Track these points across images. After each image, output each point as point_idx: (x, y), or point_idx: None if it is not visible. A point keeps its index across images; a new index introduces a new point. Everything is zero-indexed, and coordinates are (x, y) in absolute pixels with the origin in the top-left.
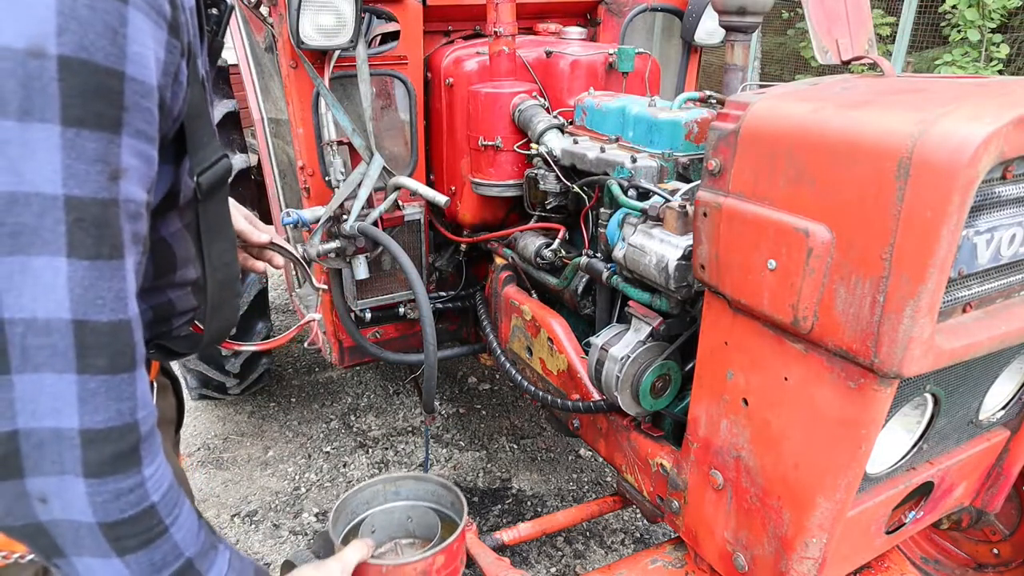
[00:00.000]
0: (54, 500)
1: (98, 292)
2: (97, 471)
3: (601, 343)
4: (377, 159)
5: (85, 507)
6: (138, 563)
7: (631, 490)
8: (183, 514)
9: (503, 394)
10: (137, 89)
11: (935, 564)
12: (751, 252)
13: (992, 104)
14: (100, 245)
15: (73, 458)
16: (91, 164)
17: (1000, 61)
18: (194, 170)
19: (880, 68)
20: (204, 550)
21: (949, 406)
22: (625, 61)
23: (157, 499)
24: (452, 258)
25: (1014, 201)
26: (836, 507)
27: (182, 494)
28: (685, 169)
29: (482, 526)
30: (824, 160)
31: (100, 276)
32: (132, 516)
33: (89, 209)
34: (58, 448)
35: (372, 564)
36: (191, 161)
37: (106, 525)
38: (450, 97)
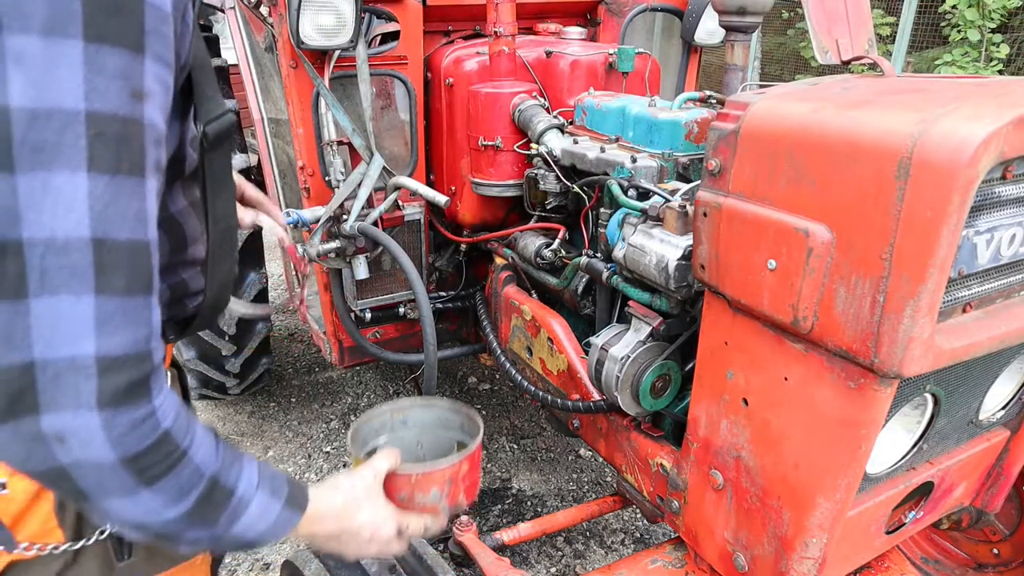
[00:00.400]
0: (71, 439)
1: (118, 209)
2: (111, 401)
3: (601, 343)
4: (377, 159)
5: (103, 443)
6: (165, 490)
7: (631, 490)
8: (197, 436)
9: (503, 394)
10: (155, 14)
11: (935, 564)
12: (751, 252)
13: (992, 104)
14: (120, 160)
15: (88, 389)
16: (112, 80)
17: (1000, 61)
18: (200, 120)
19: (880, 68)
20: (226, 464)
21: (949, 406)
22: (625, 61)
23: (169, 425)
24: (452, 258)
25: (1014, 201)
26: (836, 507)
27: (192, 418)
28: (685, 169)
29: (482, 526)
30: (824, 160)
31: (120, 192)
32: (150, 445)
33: (110, 124)
34: (74, 380)
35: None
36: (198, 111)
37: (127, 459)
38: (450, 97)
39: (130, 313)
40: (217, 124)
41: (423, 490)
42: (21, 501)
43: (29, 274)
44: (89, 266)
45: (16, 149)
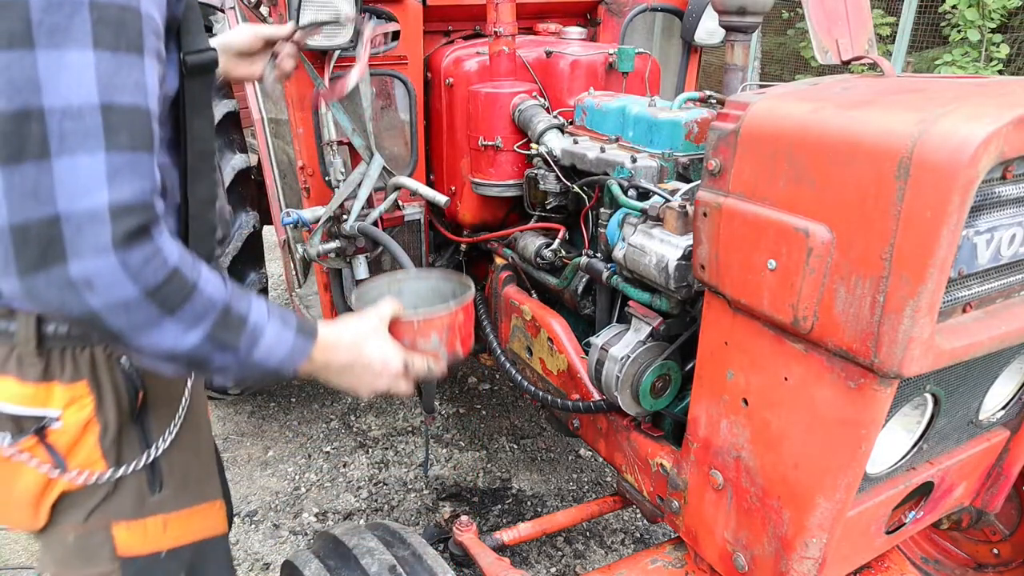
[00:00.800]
0: (97, 282)
1: (120, 79)
2: (123, 243)
3: (601, 343)
4: (377, 159)
5: (125, 281)
6: (185, 318)
7: (631, 490)
8: (204, 272)
9: (503, 394)
10: None
11: (935, 564)
12: (751, 252)
13: (992, 104)
14: (119, 39)
15: (105, 234)
16: None
17: (1000, 61)
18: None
19: (880, 68)
20: (236, 296)
21: (949, 406)
22: (625, 61)
23: (177, 262)
24: (452, 258)
25: (1014, 201)
26: (836, 507)
27: (198, 261)
28: (685, 169)
29: (482, 526)
30: (824, 160)
31: (120, 66)
32: (164, 278)
33: (110, 10)
34: (93, 227)
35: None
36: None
37: (148, 292)
38: (450, 97)
39: (135, 167)
40: (198, 56)
41: (424, 336)
42: (72, 433)
43: (50, 137)
44: (99, 127)
45: (35, 31)
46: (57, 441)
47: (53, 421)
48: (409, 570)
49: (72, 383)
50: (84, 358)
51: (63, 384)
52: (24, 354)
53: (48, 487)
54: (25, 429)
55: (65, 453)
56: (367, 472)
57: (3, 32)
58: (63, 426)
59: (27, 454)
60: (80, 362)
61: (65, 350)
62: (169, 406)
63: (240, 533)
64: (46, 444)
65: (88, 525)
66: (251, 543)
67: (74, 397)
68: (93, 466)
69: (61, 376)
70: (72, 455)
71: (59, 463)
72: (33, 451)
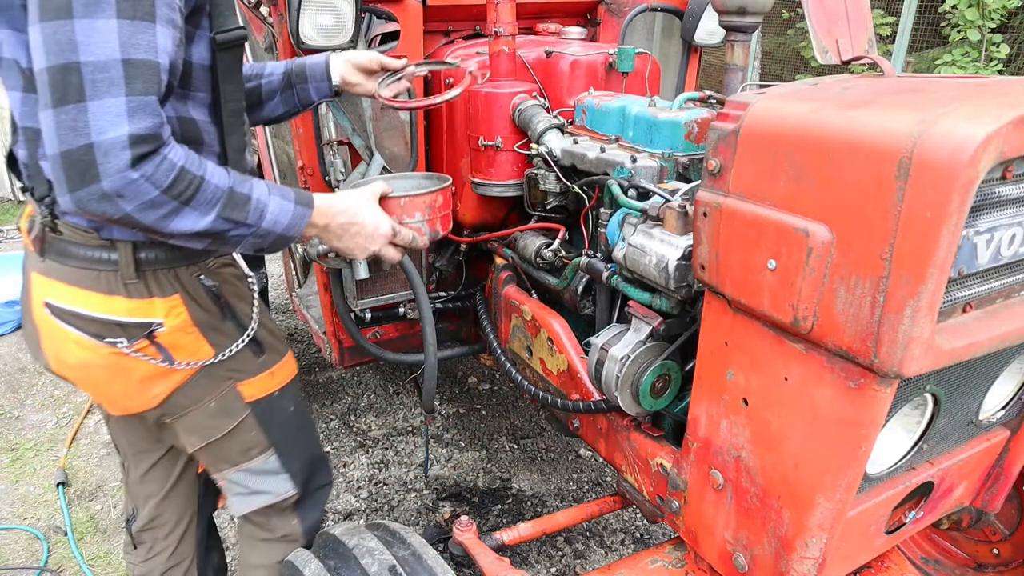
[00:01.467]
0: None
1: (136, 40)
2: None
3: (601, 343)
4: (377, 159)
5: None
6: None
7: (631, 490)
8: (209, 168)
9: (503, 394)
10: None
11: (935, 564)
12: (751, 252)
13: (992, 104)
14: (136, 10)
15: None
16: None
17: (1000, 61)
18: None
19: (880, 68)
20: (238, 181)
21: (949, 406)
22: (625, 61)
23: (183, 162)
24: (452, 258)
25: (1014, 201)
26: (836, 507)
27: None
28: (685, 169)
29: (482, 526)
30: (824, 160)
31: (136, 31)
32: (175, 177)
33: None
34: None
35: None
36: (214, 24)
37: (164, 190)
38: None
39: (147, 106)
40: (226, 34)
41: (409, 213)
42: (175, 334)
43: (86, 85)
44: (121, 77)
45: (74, 5)
46: (164, 341)
47: (158, 327)
48: (409, 570)
49: (168, 297)
50: (172, 277)
51: (161, 298)
52: (127, 277)
53: (158, 376)
54: (136, 335)
55: (171, 349)
56: (367, 472)
57: (53, 7)
58: (167, 329)
59: (141, 353)
60: (171, 280)
61: (157, 271)
62: (245, 302)
63: None
64: (156, 344)
65: (222, 389)
66: None
67: (171, 307)
68: (199, 355)
69: (159, 292)
70: (177, 350)
71: (167, 357)
72: (146, 350)
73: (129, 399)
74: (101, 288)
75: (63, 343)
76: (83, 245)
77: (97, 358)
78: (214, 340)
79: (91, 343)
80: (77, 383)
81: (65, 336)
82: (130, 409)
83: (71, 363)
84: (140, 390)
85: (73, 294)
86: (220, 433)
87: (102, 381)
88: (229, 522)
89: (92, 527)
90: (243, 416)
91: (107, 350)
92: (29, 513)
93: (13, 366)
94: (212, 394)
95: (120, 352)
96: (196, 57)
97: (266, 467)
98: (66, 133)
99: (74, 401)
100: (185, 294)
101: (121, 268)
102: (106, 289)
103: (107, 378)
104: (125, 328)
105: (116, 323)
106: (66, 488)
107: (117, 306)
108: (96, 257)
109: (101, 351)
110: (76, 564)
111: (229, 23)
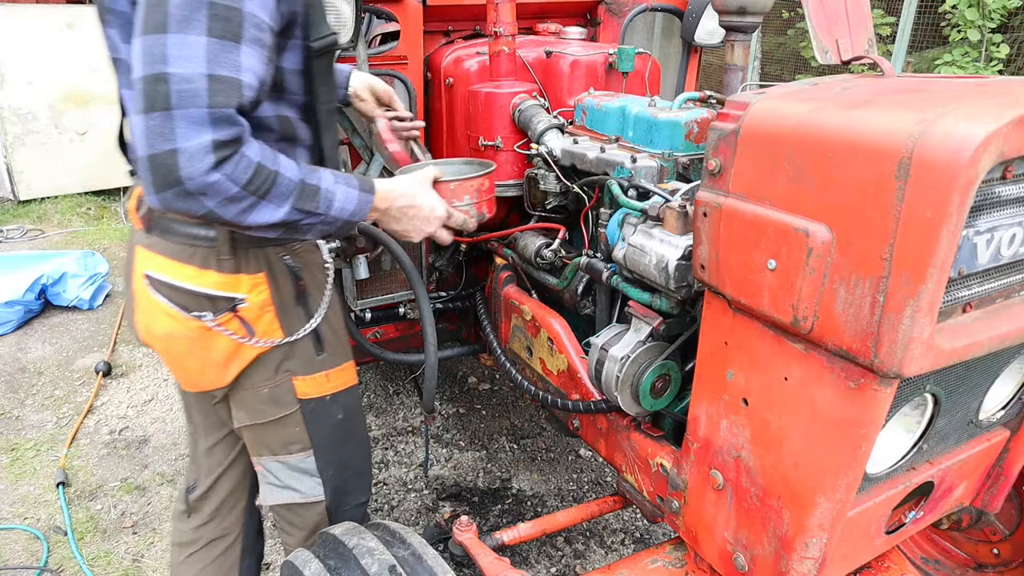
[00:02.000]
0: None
1: (222, 59)
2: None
3: (601, 343)
4: (377, 159)
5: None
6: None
7: (631, 490)
8: (282, 162)
9: (503, 394)
10: None
11: (935, 564)
12: (751, 252)
13: (992, 104)
14: (225, 31)
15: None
16: None
17: (1000, 61)
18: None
19: (880, 68)
20: (307, 174)
21: (949, 406)
22: (625, 61)
23: (259, 158)
24: (452, 258)
25: (1014, 201)
26: (836, 507)
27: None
28: (685, 169)
29: (482, 526)
30: (824, 160)
31: (223, 50)
32: (253, 173)
33: (220, 9)
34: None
35: (442, 181)
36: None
37: (243, 184)
38: (450, 97)
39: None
40: (320, 41)
41: (459, 197)
42: (256, 311)
43: (172, 95)
44: (204, 91)
45: (169, 21)
46: (246, 316)
47: (242, 302)
48: (409, 570)
49: (254, 275)
50: (261, 256)
51: (247, 275)
52: (222, 253)
53: (238, 351)
54: (221, 308)
55: (252, 324)
56: None
57: (153, 22)
58: (249, 305)
59: (224, 327)
60: (259, 259)
61: (248, 250)
62: (319, 292)
63: None
64: (239, 318)
65: (277, 379)
66: None
67: (255, 284)
68: (272, 335)
69: (246, 269)
70: (257, 326)
71: (250, 331)
72: (229, 324)
73: (203, 375)
74: (196, 262)
75: (154, 314)
76: (185, 222)
77: (183, 330)
78: (284, 323)
79: (179, 315)
80: (160, 354)
81: (157, 307)
82: (202, 386)
83: (158, 334)
84: (214, 367)
85: (170, 266)
86: (267, 418)
87: (183, 353)
88: None
89: (92, 527)
90: (292, 410)
91: (193, 323)
92: (29, 513)
93: (13, 366)
94: (269, 381)
95: (204, 326)
96: (289, 64)
97: (302, 466)
98: (154, 138)
99: (74, 401)
100: (269, 273)
101: (218, 244)
102: (200, 263)
103: (187, 351)
104: (212, 301)
105: (205, 295)
106: (66, 488)
107: (208, 280)
108: (196, 234)
109: (188, 323)
110: (76, 564)
111: (323, 31)
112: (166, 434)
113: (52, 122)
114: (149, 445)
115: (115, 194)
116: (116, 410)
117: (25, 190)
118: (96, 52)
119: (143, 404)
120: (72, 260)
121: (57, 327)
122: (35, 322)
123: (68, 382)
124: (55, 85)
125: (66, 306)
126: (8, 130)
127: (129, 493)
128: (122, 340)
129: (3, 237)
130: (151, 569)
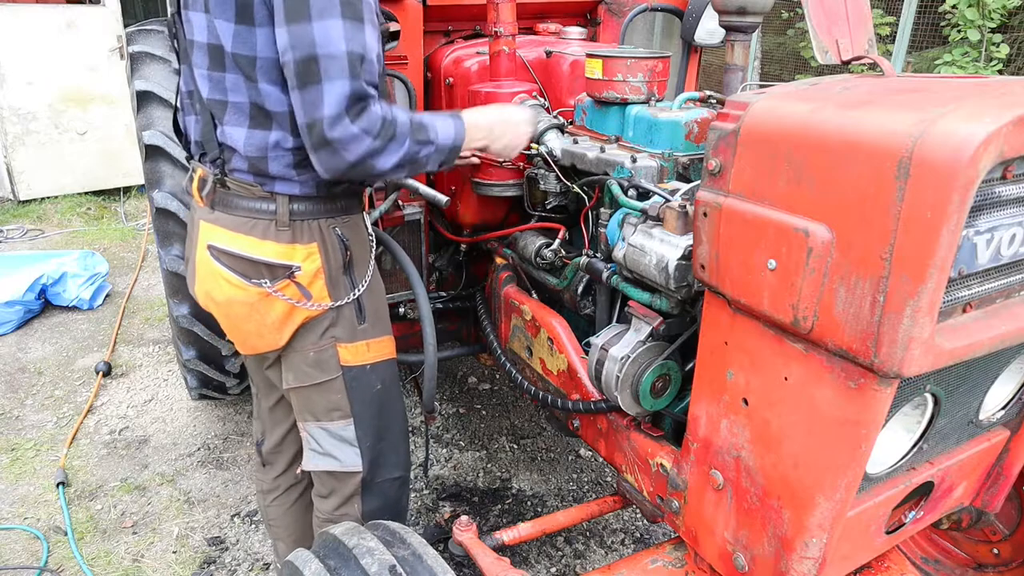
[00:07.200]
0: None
1: (354, 37)
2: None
3: (601, 343)
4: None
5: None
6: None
7: (631, 490)
8: (396, 111)
9: (503, 394)
10: None
11: (935, 564)
12: (751, 252)
13: (992, 104)
14: (355, 14)
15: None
16: None
17: (1000, 61)
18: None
19: (880, 68)
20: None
21: (949, 406)
22: None
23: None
24: (452, 258)
25: (1014, 201)
26: (836, 507)
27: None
28: (685, 169)
29: (482, 526)
30: (824, 160)
31: (355, 29)
32: (381, 126)
33: None
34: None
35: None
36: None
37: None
38: (450, 97)
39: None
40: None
41: None
42: (310, 276)
43: (321, 71)
44: (346, 65)
45: (311, 10)
46: (302, 281)
47: (297, 270)
48: (409, 570)
49: (308, 244)
50: (315, 227)
51: (302, 245)
52: (280, 224)
53: (291, 315)
54: (278, 276)
55: (308, 286)
56: None
57: (296, 12)
58: (303, 272)
59: (281, 292)
60: (312, 230)
61: (303, 222)
62: (364, 263)
63: (240, 533)
64: (296, 283)
65: (322, 344)
66: (251, 543)
67: (309, 253)
68: (323, 300)
69: (301, 240)
70: (311, 290)
71: (307, 295)
72: (286, 290)
73: (260, 337)
74: (256, 234)
75: (216, 281)
76: (247, 197)
77: (243, 296)
78: (332, 290)
79: (240, 282)
80: (219, 318)
81: (219, 274)
82: (258, 348)
83: (219, 299)
84: (271, 329)
85: (232, 238)
86: (311, 381)
87: (241, 317)
88: (229, 521)
89: (92, 527)
90: (335, 376)
91: (254, 289)
92: (29, 513)
93: (13, 366)
94: (315, 346)
95: (263, 291)
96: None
97: (343, 434)
98: (308, 108)
99: (74, 401)
100: (321, 243)
101: (278, 216)
102: (260, 235)
103: (245, 315)
104: (271, 269)
105: (264, 263)
106: (66, 488)
107: (267, 249)
108: (257, 208)
109: (249, 290)
110: (76, 564)
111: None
112: (166, 434)
113: (52, 122)
114: (149, 445)
115: (115, 194)
116: (116, 410)
117: (25, 190)
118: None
119: (143, 404)
120: (72, 260)
121: (57, 327)
122: (35, 322)
123: (68, 382)
124: (55, 85)
125: (66, 306)
126: (8, 130)
127: (129, 493)
128: (122, 340)
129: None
130: (151, 569)
